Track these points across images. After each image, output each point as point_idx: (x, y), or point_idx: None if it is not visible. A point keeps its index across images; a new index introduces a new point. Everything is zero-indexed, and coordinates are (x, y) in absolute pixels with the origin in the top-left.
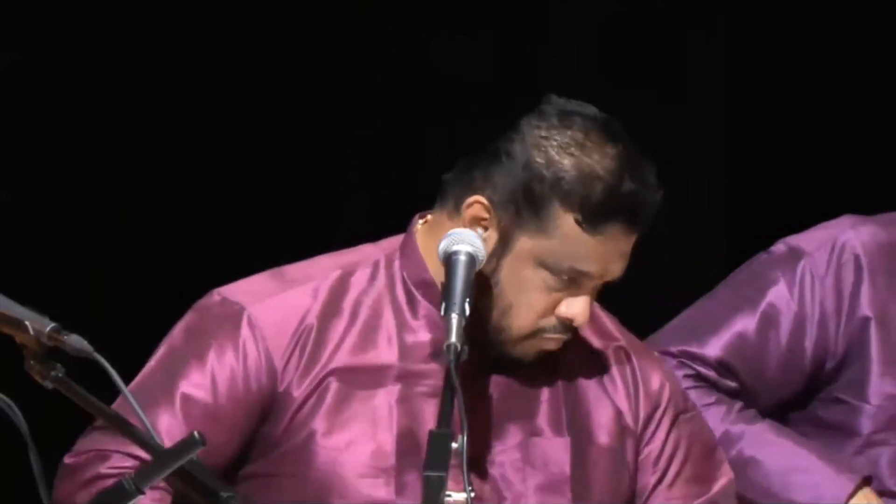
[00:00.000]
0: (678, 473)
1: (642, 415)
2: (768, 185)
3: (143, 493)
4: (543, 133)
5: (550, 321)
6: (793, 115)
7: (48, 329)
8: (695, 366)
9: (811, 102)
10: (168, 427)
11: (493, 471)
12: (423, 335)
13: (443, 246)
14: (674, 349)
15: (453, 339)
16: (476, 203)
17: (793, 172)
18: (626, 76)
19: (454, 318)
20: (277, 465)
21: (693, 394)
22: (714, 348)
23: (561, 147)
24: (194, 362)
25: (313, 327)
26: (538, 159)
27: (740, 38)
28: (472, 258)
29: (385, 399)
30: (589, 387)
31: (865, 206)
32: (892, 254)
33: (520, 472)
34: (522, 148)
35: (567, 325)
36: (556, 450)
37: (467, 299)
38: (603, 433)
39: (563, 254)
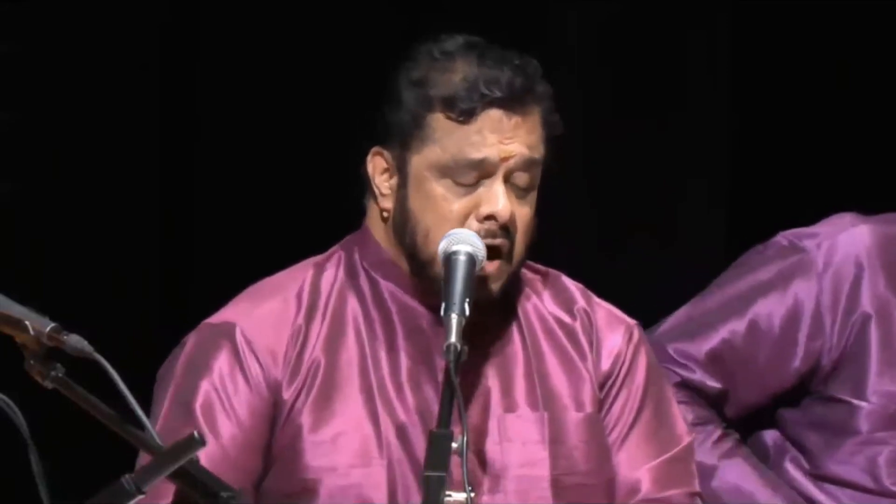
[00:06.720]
0: (627, 434)
1: (600, 379)
2: (769, 185)
3: (143, 493)
4: (407, 65)
5: (473, 226)
6: (794, 115)
7: (48, 329)
8: (681, 371)
9: (812, 102)
10: (209, 454)
11: (472, 448)
12: (389, 318)
13: (442, 246)
14: (670, 347)
15: (453, 339)
16: (373, 157)
17: (794, 172)
18: (626, 76)
19: (454, 318)
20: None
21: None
22: (707, 341)
23: (420, 66)
24: (205, 385)
25: (301, 329)
26: (402, 85)
27: (741, 37)
28: (471, 258)
29: (361, 389)
30: (560, 358)
31: (866, 207)
32: (891, 253)
33: (497, 447)
34: (393, 86)
35: (494, 230)
36: (533, 425)
37: (467, 299)
38: (577, 402)
39: (451, 152)
